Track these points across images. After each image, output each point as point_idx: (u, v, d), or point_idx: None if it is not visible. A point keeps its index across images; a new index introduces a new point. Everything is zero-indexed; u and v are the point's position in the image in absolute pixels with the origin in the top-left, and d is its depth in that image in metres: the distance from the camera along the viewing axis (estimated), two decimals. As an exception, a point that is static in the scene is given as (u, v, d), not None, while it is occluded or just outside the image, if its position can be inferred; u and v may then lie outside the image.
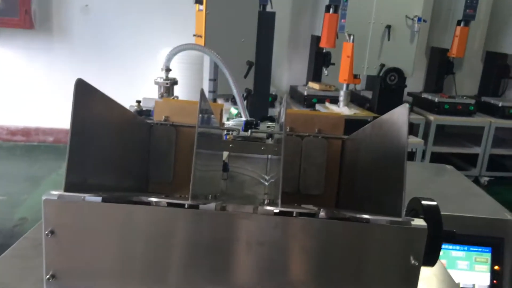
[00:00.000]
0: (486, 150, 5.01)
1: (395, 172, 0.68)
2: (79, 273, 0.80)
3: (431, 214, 0.83)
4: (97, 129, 0.80)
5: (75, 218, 0.77)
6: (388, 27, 3.81)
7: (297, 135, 1.11)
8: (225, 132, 1.34)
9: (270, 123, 1.46)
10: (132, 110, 1.50)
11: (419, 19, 3.84)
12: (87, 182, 0.77)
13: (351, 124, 1.16)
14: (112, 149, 0.89)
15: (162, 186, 1.14)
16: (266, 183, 1.33)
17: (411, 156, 4.15)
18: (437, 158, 4.85)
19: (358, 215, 0.73)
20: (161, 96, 1.92)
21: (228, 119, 3.73)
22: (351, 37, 3.76)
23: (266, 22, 2.93)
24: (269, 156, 1.31)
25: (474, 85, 5.81)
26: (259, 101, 2.86)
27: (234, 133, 1.35)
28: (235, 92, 1.88)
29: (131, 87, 5.25)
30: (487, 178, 5.08)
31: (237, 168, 1.41)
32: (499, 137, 5.23)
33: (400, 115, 0.67)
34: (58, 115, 5.60)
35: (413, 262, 0.74)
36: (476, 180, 5.08)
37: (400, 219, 0.65)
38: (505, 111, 4.94)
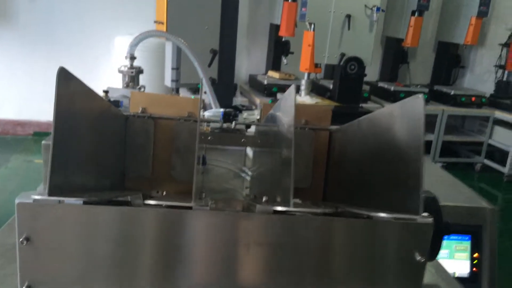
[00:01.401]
0: (439, 137, 5.18)
1: (407, 167, 0.65)
2: (58, 282, 0.72)
3: (431, 208, 0.81)
4: (78, 123, 0.72)
5: (53, 223, 0.70)
6: (348, 16, 3.83)
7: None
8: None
9: (246, 113, 1.41)
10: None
11: (378, 9, 3.88)
12: (68, 182, 0.69)
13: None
14: (91, 144, 0.81)
15: (139, 182, 1.07)
16: (247, 177, 1.28)
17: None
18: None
19: (363, 211, 0.69)
20: (127, 85, 1.82)
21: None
22: (312, 25, 3.75)
23: (229, 9, 2.85)
24: (247, 148, 1.26)
25: (427, 74, 5.98)
26: (223, 90, 2.79)
27: (211, 124, 1.28)
28: (204, 80, 1.80)
29: (88, 78, 5.03)
30: (440, 164, 5.24)
31: (214, 161, 1.35)
32: (451, 124, 5.42)
33: (415, 106, 0.64)
34: (4, 106, 5.30)
35: (418, 258, 0.72)
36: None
37: (417, 217, 0.62)
38: (457, 99, 5.10)
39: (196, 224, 0.68)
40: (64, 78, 0.64)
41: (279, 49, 4.93)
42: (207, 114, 1.38)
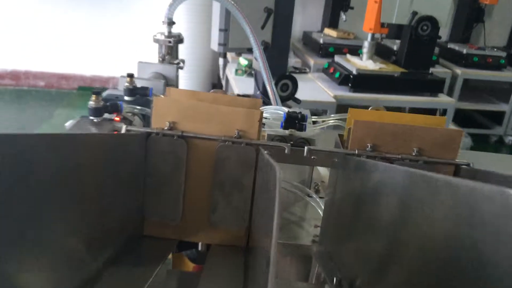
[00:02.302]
0: (519, 110, 4.59)
1: None
2: None
3: None
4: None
5: None
6: (424, -33, 3.26)
7: (382, 158, 0.70)
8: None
9: (315, 118, 1.03)
10: (122, 86, 1.06)
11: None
12: None
13: (377, 81, 0.74)
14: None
15: (163, 228, 0.74)
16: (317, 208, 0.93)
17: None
18: (460, 115, 4.43)
19: None
20: (162, 59, 1.47)
21: (236, 72, 3.26)
22: (381, -22, 3.21)
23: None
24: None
25: (503, 36, 5.28)
26: (277, 55, 2.40)
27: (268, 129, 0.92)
28: (254, 45, 1.43)
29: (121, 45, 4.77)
30: (512, 138, 4.69)
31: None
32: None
33: None
34: (48, 58, 5.11)
35: None
36: (501, 140, 4.70)
37: None
38: (540, 65, 4.46)
39: None
40: None
41: (337, 4, 4.40)
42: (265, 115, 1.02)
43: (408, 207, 0.49)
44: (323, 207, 0.95)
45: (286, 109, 0.97)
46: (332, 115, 0.98)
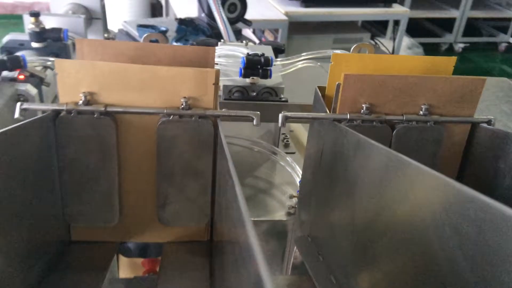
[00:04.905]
0: (465, 13, 4.50)
1: None
2: None
3: None
4: None
5: None
6: None
7: (382, 122, 0.52)
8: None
9: (278, 59, 0.82)
10: (27, 28, 0.81)
11: None
12: None
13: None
14: None
15: (98, 231, 0.55)
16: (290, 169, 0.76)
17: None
18: (411, 24, 4.29)
19: None
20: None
21: None
22: None
23: None
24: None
25: None
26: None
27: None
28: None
29: None
30: (462, 45, 4.65)
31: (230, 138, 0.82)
32: (479, -3, 4.68)
33: None
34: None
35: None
36: (451, 47, 4.67)
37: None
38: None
39: None
40: None
41: None
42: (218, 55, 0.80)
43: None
44: (294, 166, 0.79)
45: (244, 50, 0.75)
46: (303, 54, 0.78)
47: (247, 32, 2.54)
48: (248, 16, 2.08)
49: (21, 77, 0.72)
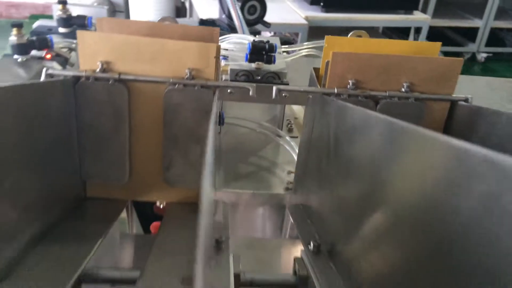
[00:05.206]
0: (488, 23, 4.48)
1: None
2: None
3: None
4: None
5: None
6: None
7: (366, 97, 0.57)
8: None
9: (284, 46, 0.89)
10: (55, 15, 0.89)
11: None
12: None
13: None
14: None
15: (109, 189, 0.62)
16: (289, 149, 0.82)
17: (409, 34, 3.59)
18: (433, 32, 4.30)
19: None
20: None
21: None
22: None
23: None
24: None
25: None
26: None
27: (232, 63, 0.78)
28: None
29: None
30: (484, 55, 4.62)
31: (233, 119, 0.88)
32: (504, 8, 4.65)
33: None
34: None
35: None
36: (473, 57, 4.64)
37: None
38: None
39: None
40: None
41: None
42: (225, 45, 0.87)
43: (390, 160, 0.39)
44: (297, 150, 0.85)
45: (251, 38, 0.82)
46: (306, 43, 0.84)
47: (267, 34, 2.61)
48: (269, 20, 2.15)
49: (48, 56, 0.80)
